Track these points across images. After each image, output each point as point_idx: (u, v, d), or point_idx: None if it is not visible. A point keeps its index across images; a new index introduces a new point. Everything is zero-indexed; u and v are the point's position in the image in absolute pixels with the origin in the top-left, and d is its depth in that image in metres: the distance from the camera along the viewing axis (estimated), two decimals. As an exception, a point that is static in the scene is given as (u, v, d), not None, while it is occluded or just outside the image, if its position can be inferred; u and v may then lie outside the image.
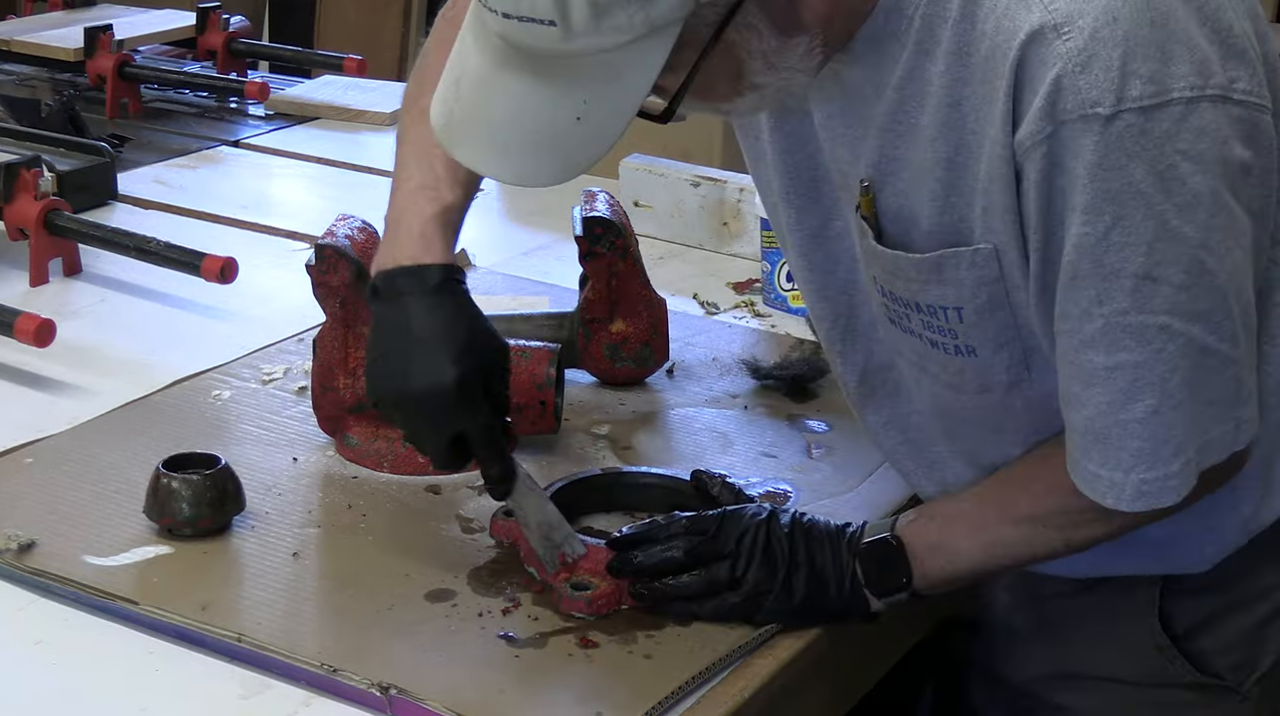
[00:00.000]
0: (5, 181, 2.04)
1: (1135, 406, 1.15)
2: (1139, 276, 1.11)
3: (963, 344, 1.24)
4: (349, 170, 2.64)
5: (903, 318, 1.26)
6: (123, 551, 1.40)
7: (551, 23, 1.03)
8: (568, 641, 1.29)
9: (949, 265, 1.20)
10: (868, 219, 1.23)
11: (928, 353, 1.27)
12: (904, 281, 1.23)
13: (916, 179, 1.19)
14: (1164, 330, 1.13)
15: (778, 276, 2.00)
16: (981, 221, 1.17)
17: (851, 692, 1.48)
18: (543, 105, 1.07)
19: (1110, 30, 1.07)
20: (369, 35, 4.87)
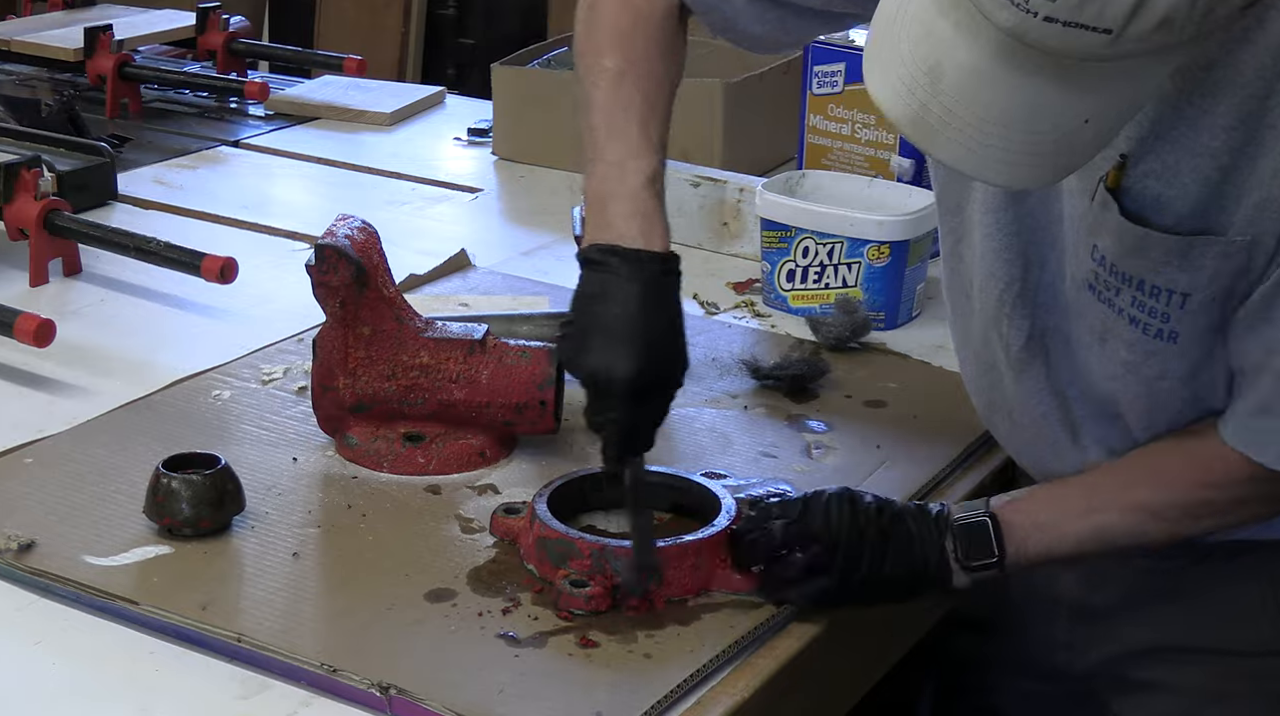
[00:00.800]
0: (5, 181, 2.04)
1: None
2: None
3: (1168, 329, 1.23)
4: (349, 170, 2.64)
5: (1111, 289, 1.25)
6: (123, 551, 1.40)
7: (1108, 30, 0.98)
8: (568, 641, 1.29)
9: (1198, 251, 1.19)
10: (1112, 192, 1.21)
11: (1121, 328, 1.26)
12: (1140, 258, 1.22)
13: (1186, 162, 1.18)
14: None
15: (778, 276, 2.00)
16: (1250, 213, 1.16)
17: (852, 692, 1.48)
18: (1056, 106, 1.02)
19: None
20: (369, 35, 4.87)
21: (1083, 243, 1.27)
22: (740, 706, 1.25)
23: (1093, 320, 1.30)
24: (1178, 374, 1.26)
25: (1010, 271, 1.35)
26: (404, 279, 1.97)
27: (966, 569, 1.31)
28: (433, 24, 4.99)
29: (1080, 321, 1.32)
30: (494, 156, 2.69)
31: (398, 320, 1.58)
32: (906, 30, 1.05)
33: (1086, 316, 1.30)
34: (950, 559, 1.30)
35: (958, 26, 1.02)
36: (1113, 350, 1.29)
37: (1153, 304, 1.23)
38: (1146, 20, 0.98)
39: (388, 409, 1.57)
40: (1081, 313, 1.31)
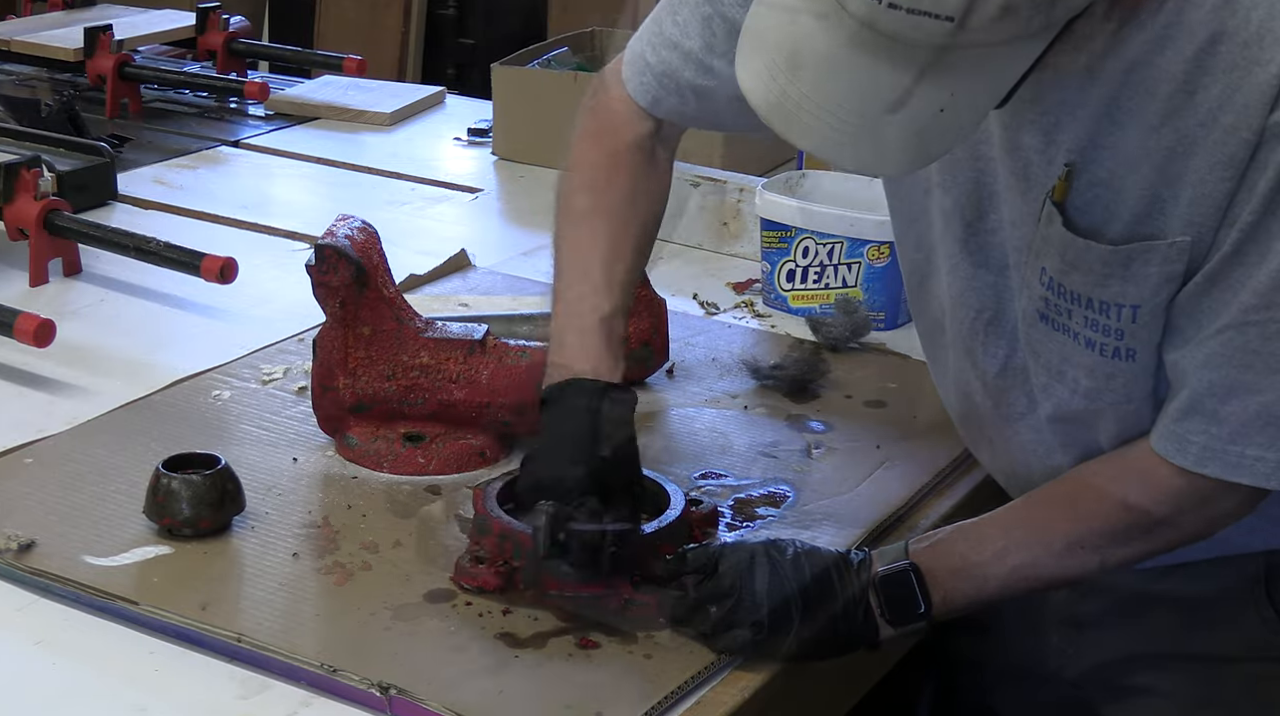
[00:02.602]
0: (5, 181, 2.04)
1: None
2: None
3: (1124, 347, 1.23)
4: (349, 170, 2.64)
5: (1062, 314, 1.25)
6: (123, 551, 1.40)
7: (950, 18, 1.00)
8: (568, 641, 1.29)
9: (1139, 259, 1.18)
10: (1058, 205, 1.21)
11: (1078, 356, 1.26)
12: (1084, 274, 1.21)
13: (1124, 168, 1.18)
14: None
15: (778, 276, 2.00)
16: (1185, 212, 1.16)
17: (851, 692, 1.48)
18: (910, 94, 1.03)
19: None
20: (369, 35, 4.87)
21: (1032, 269, 1.27)
22: (740, 706, 1.25)
23: (1049, 356, 1.29)
24: (1141, 394, 1.25)
25: (981, 299, 1.35)
26: (404, 279, 1.97)
27: (894, 624, 1.30)
28: (433, 24, 4.98)
29: (1037, 360, 1.31)
30: (494, 156, 2.69)
31: (398, 320, 1.58)
32: (774, 18, 1.08)
33: (1042, 353, 1.30)
34: (876, 615, 1.30)
35: (817, 15, 1.04)
36: (1073, 381, 1.28)
37: (1105, 321, 1.22)
38: (987, 9, 0.99)
39: (388, 409, 1.57)
40: (1037, 350, 1.30)
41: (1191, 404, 1.20)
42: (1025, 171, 1.25)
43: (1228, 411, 1.18)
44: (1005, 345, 1.36)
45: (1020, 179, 1.26)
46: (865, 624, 1.30)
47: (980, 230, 1.32)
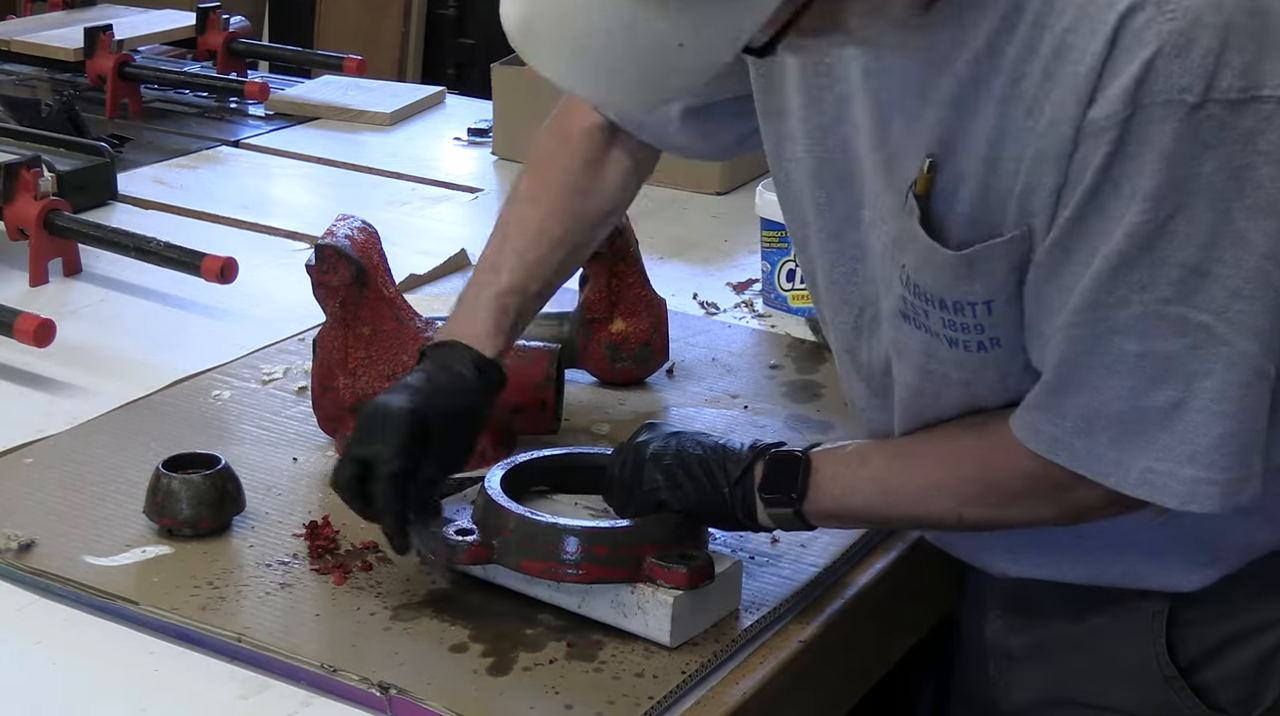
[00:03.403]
0: (5, 181, 2.04)
1: (1157, 395, 1.12)
2: (1189, 268, 1.08)
3: (988, 338, 1.20)
4: (349, 170, 2.64)
5: (920, 314, 1.23)
6: (123, 551, 1.40)
7: None
8: (568, 641, 1.29)
9: (980, 260, 1.16)
10: (920, 198, 1.18)
11: (940, 352, 1.23)
12: (932, 275, 1.20)
13: (967, 164, 1.16)
14: (1205, 329, 1.09)
15: (778, 276, 2.00)
16: (1017, 205, 1.13)
17: (851, 692, 1.48)
18: (644, 25, 1.00)
19: (1214, 15, 1.03)
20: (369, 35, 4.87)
21: (895, 265, 1.24)
22: (740, 706, 1.25)
23: (914, 354, 1.26)
24: (1015, 369, 1.22)
25: (864, 297, 1.32)
26: (404, 279, 1.97)
27: (766, 502, 1.30)
28: (433, 24, 4.98)
29: (902, 360, 1.28)
30: (494, 156, 2.69)
31: (398, 320, 1.58)
32: None
33: (906, 352, 1.27)
34: (753, 489, 1.30)
35: None
36: (942, 377, 1.25)
37: (962, 320, 1.20)
38: None
39: (388, 409, 1.57)
40: (901, 350, 1.28)
41: (1040, 395, 1.18)
42: (890, 163, 1.22)
43: (1070, 406, 1.16)
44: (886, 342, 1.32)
45: (885, 171, 1.23)
46: (744, 496, 1.31)
47: (859, 224, 1.30)
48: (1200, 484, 1.13)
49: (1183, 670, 1.32)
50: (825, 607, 1.39)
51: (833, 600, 1.40)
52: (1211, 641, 1.32)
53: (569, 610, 1.31)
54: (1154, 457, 1.13)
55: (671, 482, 1.31)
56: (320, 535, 1.42)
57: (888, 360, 1.33)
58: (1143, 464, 1.14)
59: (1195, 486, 1.13)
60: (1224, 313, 1.09)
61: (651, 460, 1.32)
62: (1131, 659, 1.34)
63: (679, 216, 2.40)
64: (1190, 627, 1.32)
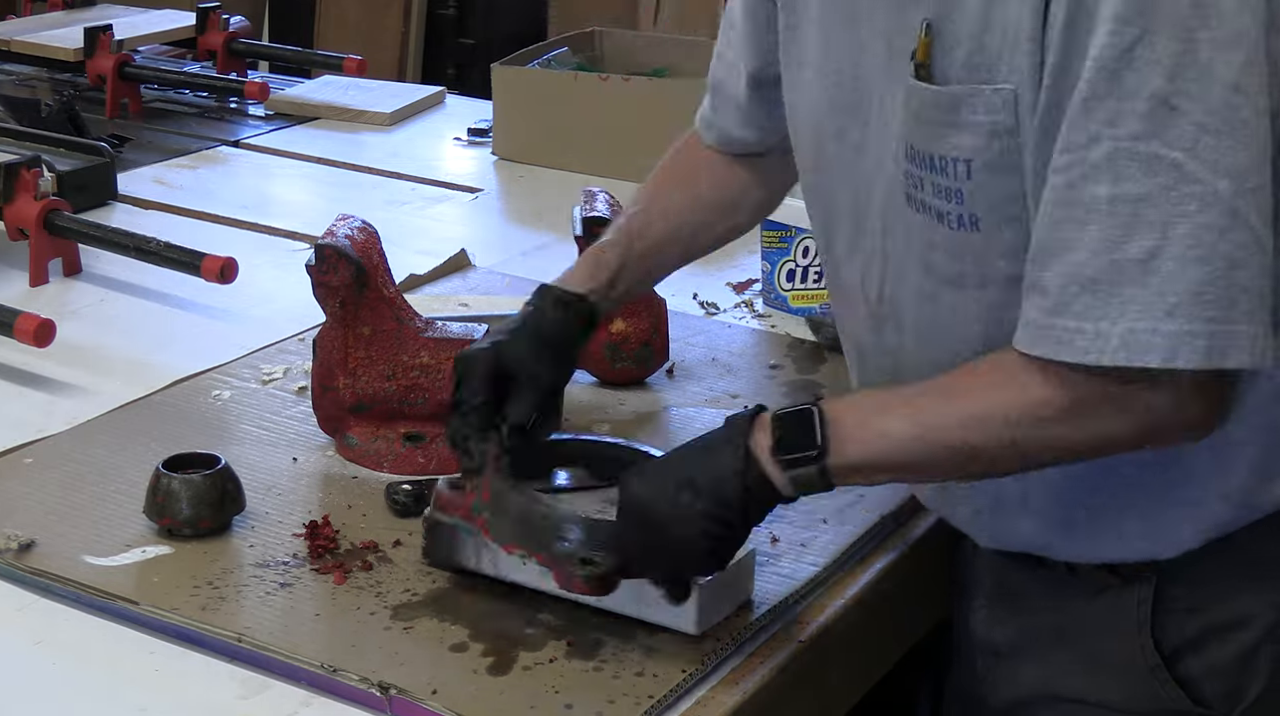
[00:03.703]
0: (5, 181, 2.04)
1: (1130, 245, 1.08)
2: (1157, 99, 1.06)
3: (967, 213, 1.19)
4: (349, 170, 2.64)
5: (918, 187, 1.21)
6: (122, 551, 1.40)
7: None
8: (568, 641, 1.29)
9: (966, 105, 1.16)
10: (920, 66, 1.18)
11: (935, 232, 1.21)
12: (923, 125, 1.19)
13: (962, 23, 1.16)
14: (1176, 167, 1.07)
15: (778, 276, 2.00)
16: (1007, 60, 1.13)
17: (851, 692, 1.48)
18: None
19: None
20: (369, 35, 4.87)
21: (899, 144, 1.23)
22: (740, 706, 1.25)
23: (914, 242, 1.23)
24: (996, 275, 1.19)
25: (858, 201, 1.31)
26: (404, 279, 1.97)
27: (785, 465, 1.19)
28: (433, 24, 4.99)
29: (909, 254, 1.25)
30: (494, 156, 2.69)
31: (398, 320, 1.58)
32: None
33: (912, 242, 1.24)
34: (766, 457, 1.20)
35: None
36: (938, 272, 1.22)
37: (945, 183, 1.18)
38: None
39: (388, 409, 1.57)
40: (908, 240, 1.24)
41: (1027, 284, 1.14)
42: (894, 39, 1.22)
43: (1049, 281, 1.12)
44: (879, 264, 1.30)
45: (891, 49, 1.23)
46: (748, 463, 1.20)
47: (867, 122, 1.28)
48: (1183, 337, 1.08)
49: (1166, 660, 1.32)
50: (825, 607, 1.39)
51: (833, 600, 1.40)
52: (1193, 632, 1.32)
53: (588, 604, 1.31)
54: (1133, 318, 1.09)
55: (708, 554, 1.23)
56: (320, 535, 1.42)
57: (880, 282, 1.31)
58: (1122, 327, 1.09)
59: (1178, 340, 1.08)
60: (1193, 148, 1.07)
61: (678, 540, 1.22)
62: (1115, 650, 1.34)
63: (679, 216, 2.39)
64: (1172, 616, 1.32)
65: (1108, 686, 1.35)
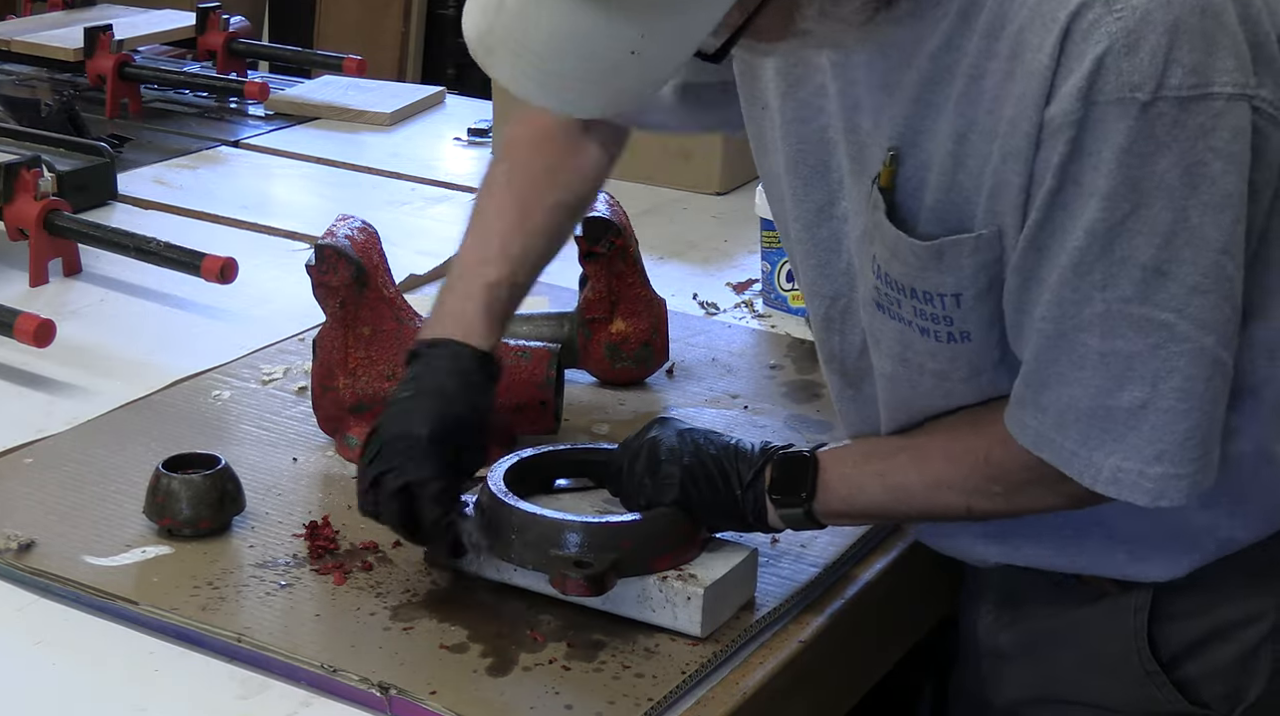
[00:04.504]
0: (5, 181, 2.04)
1: (1123, 395, 1.13)
2: (1149, 268, 1.09)
3: (957, 331, 1.21)
4: (349, 170, 2.64)
5: (893, 303, 1.23)
6: (122, 551, 1.40)
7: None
8: (567, 642, 1.29)
9: (950, 253, 1.17)
10: (885, 192, 1.20)
11: (914, 341, 1.24)
12: (901, 265, 1.20)
13: (933, 156, 1.16)
14: (1167, 327, 1.10)
15: (778, 276, 2.00)
16: (987, 204, 1.14)
17: (851, 692, 1.48)
18: (596, 33, 1.02)
19: (1162, 13, 1.04)
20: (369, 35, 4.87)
21: (866, 257, 1.25)
22: (740, 706, 1.25)
23: (890, 343, 1.27)
24: (988, 365, 1.23)
25: (836, 288, 1.33)
26: (404, 279, 1.97)
27: (776, 504, 1.31)
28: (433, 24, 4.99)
29: (879, 349, 1.29)
30: (494, 156, 2.69)
31: (398, 320, 1.58)
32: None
33: (883, 341, 1.28)
34: (764, 492, 1.31)
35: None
36: (915, 366, 1.26)
37: (932, 310, 1.21)
38: None
39: (388, 409, 1.57)
40: (878, 338, 1.28)
41: (1021, 391, 1.19)
42: (860, 154, 1.23)
43: (1046, 401, 1.17)
44: (859, 331, 1.33)
45: (855, 163, 1.24)
46: (755, 498, 1.31)
47: (833, 216, 1.31)
48: (1169, 480, 1.14)
49: (1164, 665, 1.32)
50: (825, 607, 1.39)
51: (833, 600, 1.40)
52: (1193, 635, 1.32)
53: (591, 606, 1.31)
54: (1122, 457, 1.15)
55: (687, 481, 1.31)
56: (320, 535, 1.42)
57: (859, 350, 1.34)
58: (1113, 463, 1.15)
59: (1164, 483, 1.14)
60: (1184, 309, 1.10)
61: (668, 456, 1.32)
62: (1113, 653, 1.34)
63: (679, 216, 2.40)
64: (1172, 622, 1.32)
65: (1106, 689, 1.35)
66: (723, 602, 1.32)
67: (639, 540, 1.30)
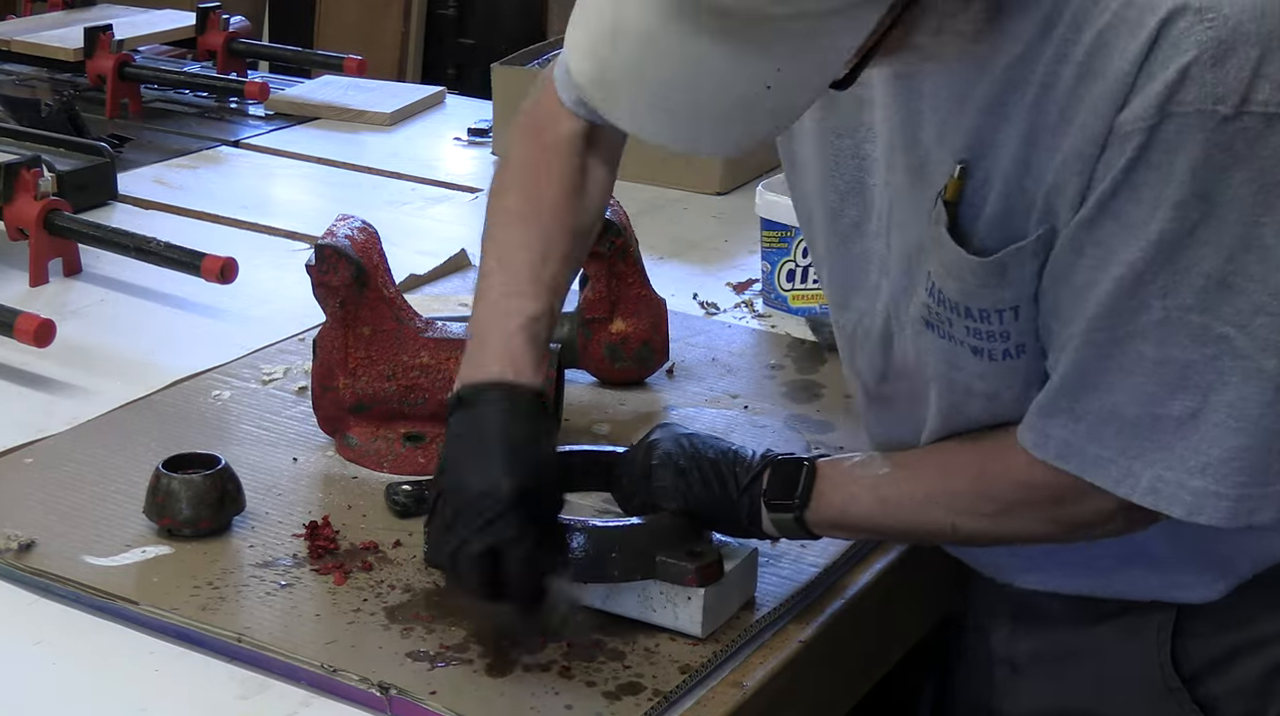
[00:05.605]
0: (5, 181, 2.04)
1: (1173, 404, 1.10)
2: (1213, 278, 1.07)
3: (1013, 346, 1.19)
4: (349, 170, 2.64)
5: (945, 323, 1.21)
6: (123, 551, 1.40)
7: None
8: (568, 642, 1.29)
9: (1012, 265, 1.14)
10: (949, 204, 1.16)
11: (964, 361, 1.21)
12: (958, 282, 1.17)
13: (997, 168, 1.14)
14: (1225, 340, 1.08)
15: (778, 276, 2.00)
16: (1043, 204, 1.12)
17: (851, 692, 1.48)
18: (729, 69, 0.97)
19: (1256, 25, 1.02)
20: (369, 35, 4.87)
21: (920, 273, 1.22)
22: (740, 706, 1.25)
23: (937, 363, 1.24)
24: (1038, 379, 1.20)
25: (862, 304, 1.32)
26: (404, 279, 1.97)
27: (770, 508, 1.29)
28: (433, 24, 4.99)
29: (926, 369, 1.26)
30: (494, 156, 2.69)
31: (398, 320, 1.58)
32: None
33: (930, 361, 1.25)
34: (760, 495, 1.29)
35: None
36: (965, 386, 1.23)
37: (987, 328, 1.18)
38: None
39: (388, 409, 1.57)
40: (926, 359, 1.25)
41: (1054, 399, 1.17)
42: (922, 169, 1.20)
43: (1086, 410, 1.14)
44: (883, 356, 1.32)
45: (916, 176, 1.21)
46: (751, 500, 1.29)
47: (866, 233, 1.29)
48: (1209, 496, 1.12)
49: (1187, 681, 1.31)
50: (825, 607, 1.39)
51: (833, 600, 1.40)
52: (1217, 652, 1.31)
53: (593, 607, 1.31)
54: (1165, 467, 1.12)
55: (682, 484, 1.30)
56: (320, 535, 1.42)
57: (882, 370, 1.33)
58: (1153, 472, 1.13)
59: (1203, 498, 1.12)
60: (1246, 326, 1.08)
61: (664, 459, 1.32)
62: (1135, 669, 1.33)
63: (679, 216, 2.40)
64: (1196, 639, 1.31)
65: (1126, 705, 1.34)
66: (723, 602, 1.32)
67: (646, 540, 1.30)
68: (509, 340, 1.32)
